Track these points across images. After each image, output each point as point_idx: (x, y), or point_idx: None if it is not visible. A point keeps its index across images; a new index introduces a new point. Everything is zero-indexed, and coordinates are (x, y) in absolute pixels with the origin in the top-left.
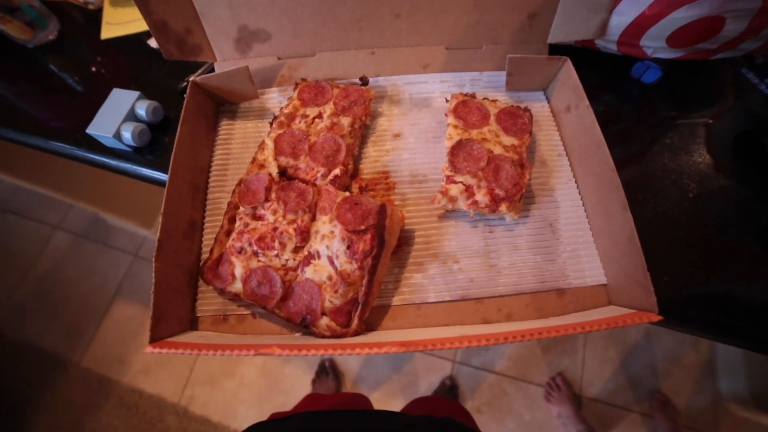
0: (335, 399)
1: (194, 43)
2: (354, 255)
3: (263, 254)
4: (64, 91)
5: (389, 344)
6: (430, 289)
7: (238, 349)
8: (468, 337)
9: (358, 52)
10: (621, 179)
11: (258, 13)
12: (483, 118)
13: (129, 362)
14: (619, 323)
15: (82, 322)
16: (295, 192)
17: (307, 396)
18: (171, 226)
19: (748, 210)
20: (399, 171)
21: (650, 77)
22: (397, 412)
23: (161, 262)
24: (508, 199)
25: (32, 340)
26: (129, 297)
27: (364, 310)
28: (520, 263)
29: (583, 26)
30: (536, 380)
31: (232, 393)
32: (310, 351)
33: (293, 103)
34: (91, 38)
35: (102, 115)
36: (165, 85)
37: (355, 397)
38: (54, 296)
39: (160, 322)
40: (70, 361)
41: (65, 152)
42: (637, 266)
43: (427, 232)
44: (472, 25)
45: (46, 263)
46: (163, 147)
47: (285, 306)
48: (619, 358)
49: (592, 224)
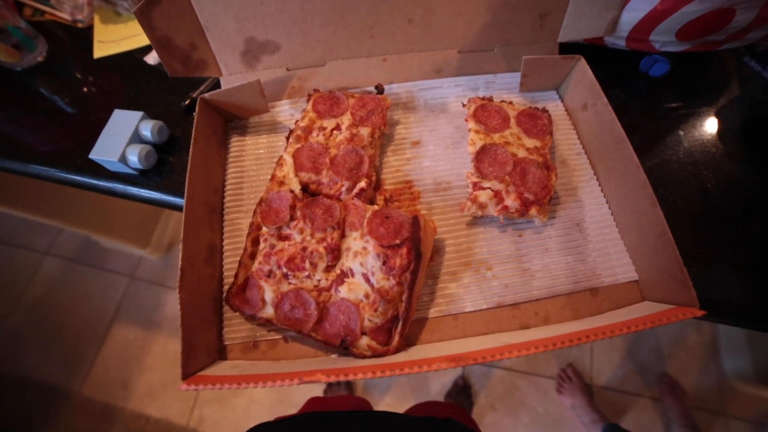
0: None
1: (199, 58)
2: (391, 271)
3: (294, 276)
4: (58, 114)
5: (438, 360)
6: (466, 299)
7: (280, 380)
8: (517, 345)
9: (369, 60)
10: None
11: (266, 24)
12: (503, 122)
13: (133, 387)
14: (663, 320)
15: (80, 348)
16: (321, 208)
17: (310, 399)
18: (192, 252)
19: (764, 195)
20: (422, 179)
21: (658, 71)
22: (398, 413)
23: (186, 292)
24: (537, 202)
25: (28, 371)
26: (128, 319)
27: (405, 326)
28: (552, 265)
29: (594, 24)
30: (547, 373)
31: (243, 410)
32: (357, 375)
33: (309, 115)
34: (82, 58)
35: (105, 139)
36: (166, 102)
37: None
38: (48, 324)
39: (191, 355)
40: (71, 390)
41: (66, 180)
42: (672, 261)
43: (457, 240)
44: (484, 26)
45: (38, 291)
46: (171, 168)
47: (321, 328)
48: (626, 344)
49: (617, 221)
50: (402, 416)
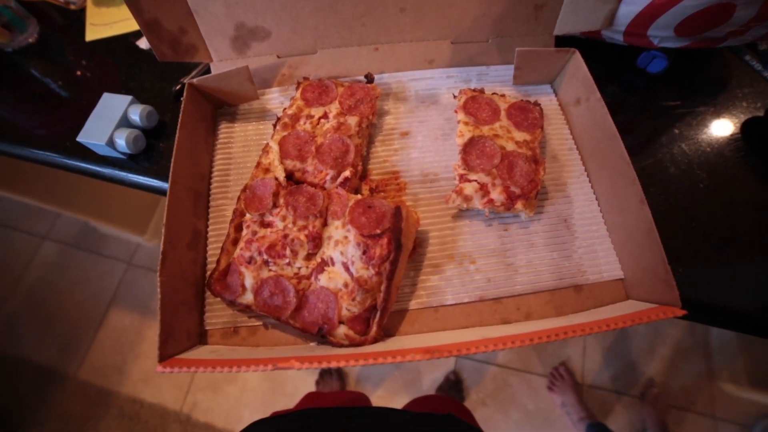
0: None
1: (189, 42)
2: (371, 260)
3: (274, 263)
4: (49, 97)
5: (413, 351)
6: (448, 291)
7: (254, 365)
8: (493, 340)
9: (361, 49)
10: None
11: (256, 9)
12: (494, 114)
13: (128, 371)
14: (643, 319)
15: (77, 333)
16: (305, 196)
17: (307, 395)
18: (174, 236)
19: (759, 197)
20: (409, 170)
21: (656, 67)
22: (398, 409)
23: (166, 275)
24: (523, 196)
25: (25, 354)
26: (124, 305)
27: (383, 316)
28: (537, 261)
29: (591, 16)
30: (538, 371)
31: (236, 398)
32: (330, 363)
33: (297, 103)
34: (74, 40)
35: (93, 122)
36: (157, 87)
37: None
38: (46, 308)
39: (170, 338)
40: (67, 373)
41: (54, 162)
42: (657, 260)
43: (442, 232)
44: (478, 17)
45: (36, 275)
46: (159, 153)
47: (299, 316)
48: (619, 345)
49: (606, 218)
50: (401, 412)
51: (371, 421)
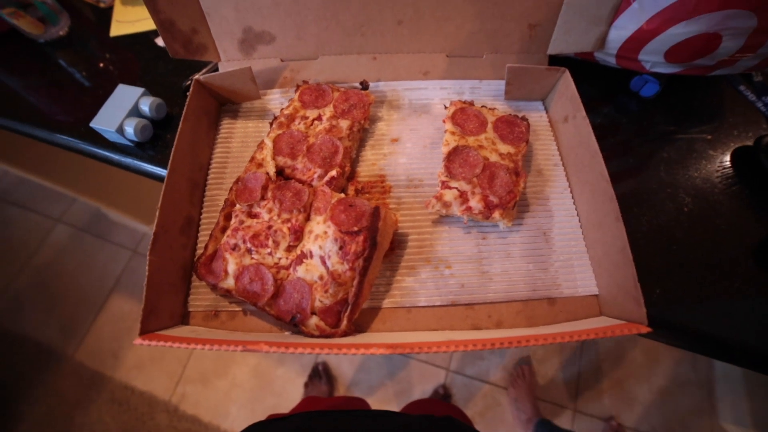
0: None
1: (200, 42)
2: (346, 256)
3: (257, 252)
4: (72, 85)
5: (376, 345)
6: (421, 293)
7: (226, 344)
8: (455, 341)
9: (360, 57)
10: (617, 191)
11: (263, 15)
12: (480, 126)
13: (122, 357)
14: (607, 333)
15: (78, 315)
16: (291, 192)
17: (306, 398)
18: (168, 220)
19: (742, 226)
20: (395, 175)
21: (648, 91)
22: (397, 412)
23: (156, 255)
24: (501, 206)
25: (27, 331)
26: (126, 292)
27: (354, 311)
28: (512, 270)
29: (582, 38)
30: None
31: (224, 392)
32: (297, 349)
33: (294, 104)
34: (100, 35)
35: (106, 110)
36: (170, 82)
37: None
38: (51, 289)
39: (152, 315)
40: (64, 354)
41: (69, 145)
42: (629, 277)
43: (421, 236)
44: (473, 33)
45: (46, 255)
46: (165, 143)
47: (275, 304)
48: (616, 374)
49: (585, 234)
50: (400, 414)
51: (371, 423)
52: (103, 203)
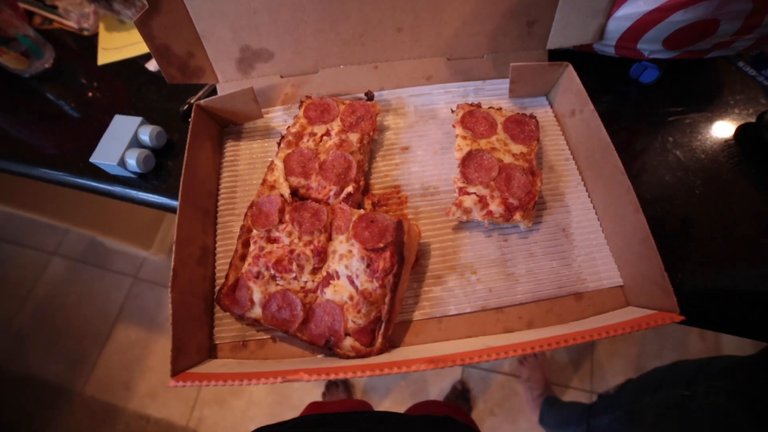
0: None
1: (196, 65)
2: (374, 273)
3: (281, 278)
4: (63, 119)
5: (417, 362)
6: (450, 302)
7: (264, 377)
8: (495, 349)
9: (361, 67)
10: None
11: (260, 33)
12: (490, 128)
13: (134, 387)
14: (642, 325)
15: (83, 348)
16: (309, 212)
17: (310, 404)
18: (185, 254)
19: (753, 203)
20: (410, 184)
21: (648, 77)
22: (396, 413)
23: (177, 292)
24: (521, 207)
25: (32, 369)
26: (131, 320)
27: (388, 328)
28: (537, 270)
29: (581, 31)
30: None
31: (242, 412)
32: (338, 374)
33: (300, 121)
34: (87, 64)
35: (105, 143)
36: (165, 108)
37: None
38: (53, 323)
39: (180, 353)
40: (73, 389)
41: (69, 182)
42: (654, 267)
43: (443, 244)
44: (472, 34)
45: (44, 290)
46: (168, 172)
47: (307, 329)
48: (628, 350)
49: (603, 227)
50: (399, 415)
51: (370, 424)
52: (97, 232)
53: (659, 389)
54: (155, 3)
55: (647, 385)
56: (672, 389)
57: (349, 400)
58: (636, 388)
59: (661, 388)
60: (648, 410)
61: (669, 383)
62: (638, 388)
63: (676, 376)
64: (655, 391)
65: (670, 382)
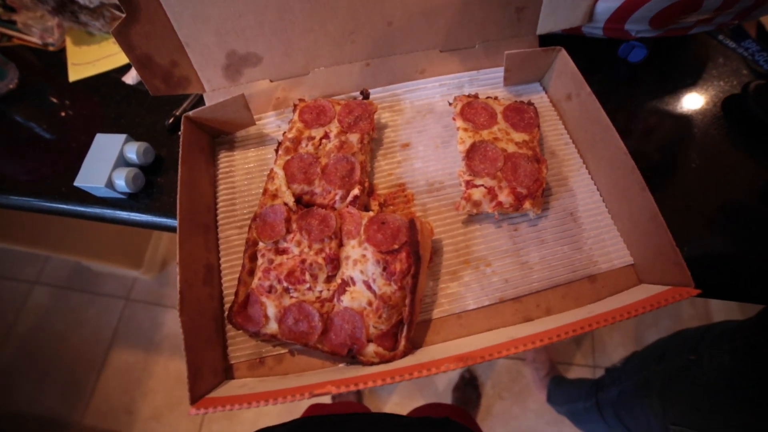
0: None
1: (181, 75)
2: (392, 276)
3: (295, 289)
4: (37, 142)
5: (446, 361)
6: (468, 297)
7: (291, 395)
8: (522, 340)
9: (352, 66)
10: None
11: (247, 36)
12: (491, 118)
13: (137, 411)
14: (662, 302)
15: (77, 377)
16: (317, 219)
17: (311, 406)
18: (189, 274)
19: (746, 171)
20: (414, 181)
21: (636, 56)
22: (396, 414)
23: (187, 315)
24: (531, 195)
25: (24, 406)
26: (126, 343)
27: (410, 330)
28: (550, 256)
29: (570, 14)
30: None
31: (252, 423)
32: (367, 383)
33: (296, 126)
34: (56, 82)
35: (89, 164)
36: (149, 122)
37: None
38: (42, 355)
39: (197, 378)
40: (71, 421)
41: (52, 209)
42: (665, 243)
43: (455, 239)
44: (463, 24)
45: (28, 322)
46: (160, 189)
47: (327, 339)
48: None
49: (609, 207)
50: (399, 417)
51: (368, 426)
52: (80, 256)
53: (664, 357)
54: (133, 11)
55: (652, 354)
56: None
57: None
58: (642, 358)
59: (666, 356)
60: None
61: (673, 351)
62: (644, 358)
63: (680, 344)
64: (661, 360)
65: (674, 350)
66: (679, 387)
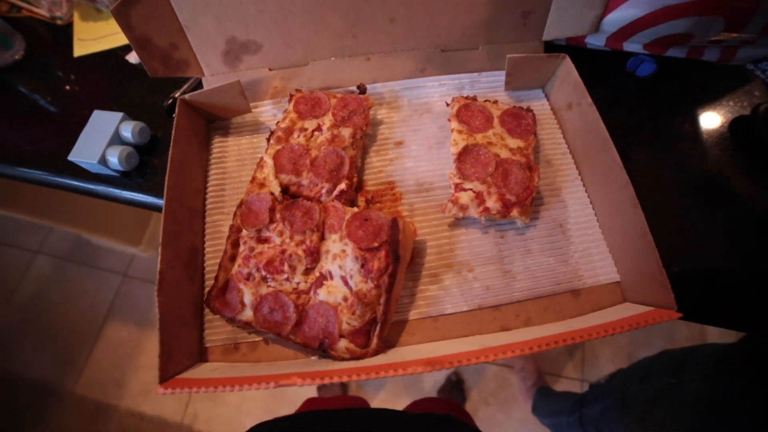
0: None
1: (180, 58)
2: (369, 274)
3: (273, 279)
4: (38, 114)
5: (414, 364)
6: (447, 301)
7: (256, 383)
8: (493, 349)
9: (352, 59)
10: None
11: (247, 23)
12: (486, 122)
13: (127, 385)
14: (640, 323)
15: (72, 347)
16: (301, 211)
17: (307, 400)
18: (171, 255)
19: (749, 195)
20: (404, 180)
21: (645, 71)
22: (397, 411)
23: (164, 295)
24: (519, 203)
25: (20, 371)
26: (121, 318)
27: (383, 329)
28: (534, 267)
29: (577, 22)
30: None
31: (236, 407)
32: (333, 378)
33: (290, 116)
34: (62, 56)
35: (84, 140)
36: (149, 103)
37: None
38: (40, 323)
39: (169, 359)
40: (64, 389)
41: (46, 181)
42: (652, 263)
43: (439, 242)
44: (467, 25)
45: (30, 290)
46: (153, 169)
47: (300, 331)
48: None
49: (601, 222)
50: (401, 413)
51: (369, 422)
52: (83, 230)
53: (647, 378)
54: None
55: (636, 374)
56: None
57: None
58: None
59: (649, 377)
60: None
61: (656, 372)
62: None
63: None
64: (643, 380)
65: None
66: (660, 409)
